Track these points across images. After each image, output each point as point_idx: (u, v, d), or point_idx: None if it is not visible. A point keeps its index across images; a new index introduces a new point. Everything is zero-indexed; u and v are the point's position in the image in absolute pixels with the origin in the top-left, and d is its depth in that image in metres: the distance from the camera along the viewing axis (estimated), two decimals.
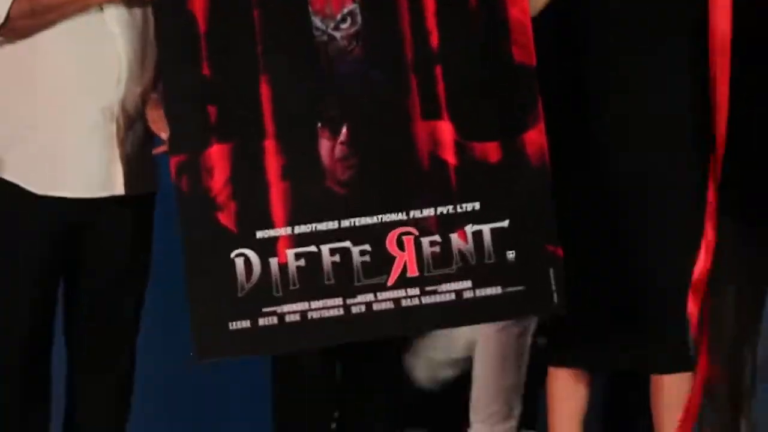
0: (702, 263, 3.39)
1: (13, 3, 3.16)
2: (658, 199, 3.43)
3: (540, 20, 3.28)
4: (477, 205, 3.03)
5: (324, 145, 3.02)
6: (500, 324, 4.05)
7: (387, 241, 3.02)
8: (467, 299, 3.02)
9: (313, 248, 3.02)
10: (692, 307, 3.39)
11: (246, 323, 3.01)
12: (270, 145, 3.02)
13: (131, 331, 3.45)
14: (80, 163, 3.29)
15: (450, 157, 3.03)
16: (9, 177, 3.28)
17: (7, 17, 3.16)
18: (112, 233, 3.37)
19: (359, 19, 3.03)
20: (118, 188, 3.30)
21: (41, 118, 3.28)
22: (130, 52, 3.25)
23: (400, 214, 3.03)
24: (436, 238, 3.02)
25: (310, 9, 3.04)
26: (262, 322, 3.01)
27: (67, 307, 3.42)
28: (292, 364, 3.64)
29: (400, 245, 3.01)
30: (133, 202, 3.36)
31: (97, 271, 3.38)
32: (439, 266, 3.02)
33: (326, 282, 3.02)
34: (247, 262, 3.00)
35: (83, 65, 3.24)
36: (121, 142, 3.29)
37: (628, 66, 3.40)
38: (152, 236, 3.46)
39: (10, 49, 3.23)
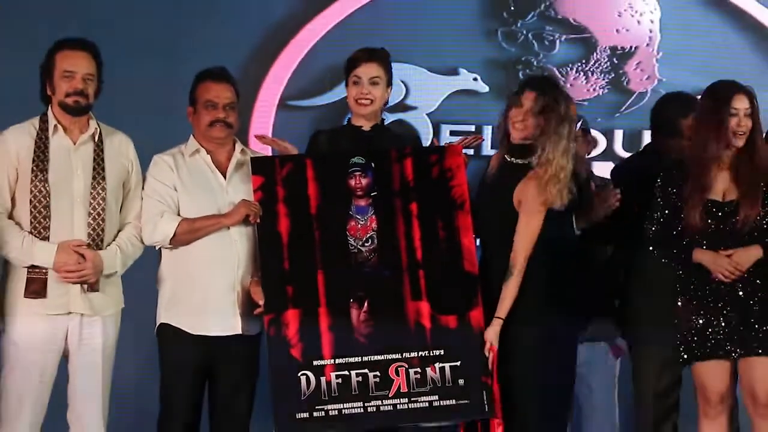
0: None
1: (178, 225, 4.85)
2: None
3: None
4: (442, 352, 4.71)
5: (354, 313, 4.75)
6: None
7: (389, 370, 4.71)
8: (435, 406, 4.69)
9: (346, 372, 4.71)
10: None
11: (306, 414, 4.69)
12: (323, 311, 4.75)
13: (247, 414, 4.96)
14: (216, 315, 4.88)
15: (427, 323, 4.74)
16: (171, 322, 4.91)
17: (174, 234, 4.86)
18: (235, 357, 4.89)
19: (376, 241, 4.78)
20: (238, 330, 4.91)
21: (193, 286, 4.88)
22: (244, 252, 4.90)
23: (397, 355, 4.72)
24: (418, 369, 4.70)
25: (348, 233, 4.80)
26: (315, 414, 4.69)
27: (210, 401, 4.94)
28: None
29: (397, 373, 4.70)
30: (247, 338, 4.91)
31: (226, 379, 4.90)
32: (420, 386, 4.70)
33: (353, 393, 4.70)
34: (308, 378, 4.69)
35: (216, 257, 4.88)
36: (240, 303, 4.89)
37: None
38: (258, 360, 4.90)
39: (174, 251, 4.91)
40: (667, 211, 4.85)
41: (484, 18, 6.80)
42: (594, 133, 6.40)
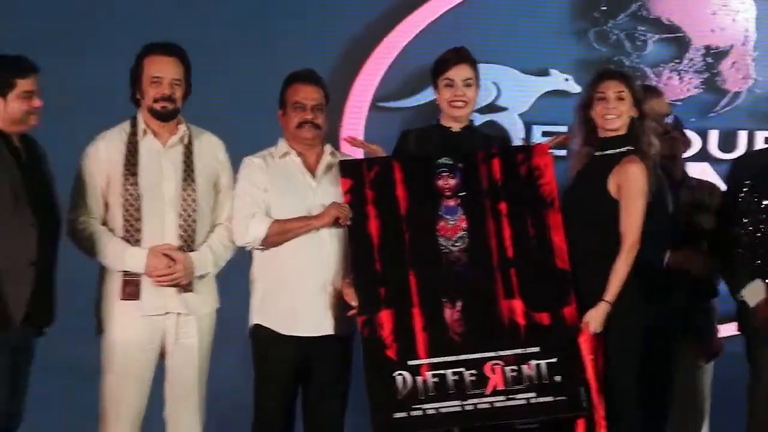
0: None
1: (269, 226, 4.89)
2: None
3: None
4: (537, 349, 4.72)
5: (447, 312, 4.76)
6: None
7: (485, 369, 4.71)
8: (532, 403, 4.70)
9: (442, 371, 4.71)
10: None
11: (404, 414, 4.70)
12: (416, 311, 4.76)
13: (341, 414, 5.01)
14: (308, 315, 4.93)
15: (521, 320, 4.75)
16: (264, 323, 4.96)
17: (266, 235, 4.91)
18: (327, 358, 4.94)
19: (467, 241, 4.80)
20: (330, 331, 4.95)
21: (284, 287, 4.93)
22: (334, 253, 4.93)
23: (492, 353, 4.72)
24: (514, 367, 4.71)
25: (437, 233, 4.81)
26: (413, 413, 4.70)
27: (303, 401, 4.99)
28: None
29: (493, 371, 4.71)
30: (339, 339, 4.95)
31: (319, 379, 4.95)
32: (516, 384, 4.70)
33: (449, 392, 4.71)
34: (404, 378, 4.70)
35: (307, 258, 4.92)
36: (331, 305, 4.93)
37: None
38: (351, 360, 4.97)
39: (266, 252, 4.96)
40: None
41: (575, 18, 6.77)
42: (688, 133, 6.35)
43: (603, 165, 4.82)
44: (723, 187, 5.55)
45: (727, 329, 5.58)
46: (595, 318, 4.69)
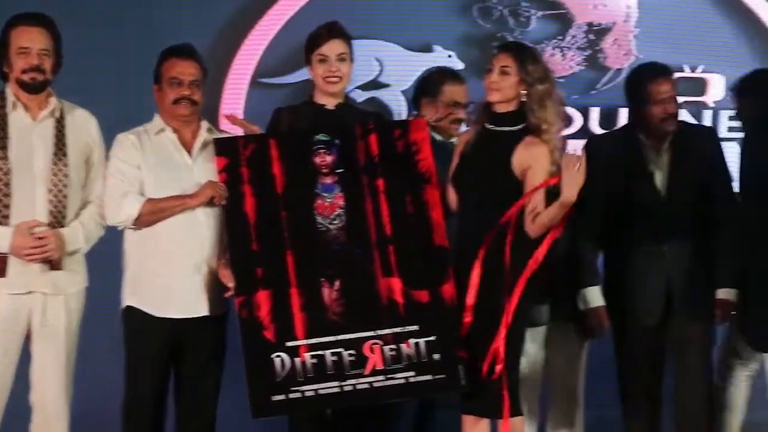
0: None
1: (142, 205, 4.80)
2: None
3: None
4: (416, 327, 4.67)
5: (325, 291, 4.68)
6: None
7: (364, 348, 4.65)
8: (411, 382, 4.64)
9: (320, 352, 4.64)
10: None
11: (282, 396, 4.62)
12: (294, 292, 4.68)
13: (214, 396, 4.97)
14: (181, 296, 4.86)
15: (400, 298, 4.70)
16: (136, 305, 4.88)
17: (139, 214, 4.81)
18: (201, 339, 4.89)
19: (345, 218, 4.73)
20: (204, 312, 4.88)
21: (157, 268, 4.86)
22: (210, 233, 4.86)
23: (371, 332, 4.66)
24: (393, 346, 4.65)
25: (315, 211, 4.74)
26: (291, 396, 4.62)
27: (176, 384, 4.94)
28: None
29: (372, 351, 4.64)
30: (214, 320, 4.90)
31: (191, 363, 4.90)
32: (395, 363, 4.64)
33: (328, 373, 4.63)
34: (282, 360, 4.62)
35: (182, 238, 4.84)
36: (206, 286, 4.86)
37: None
38: (225, 341, 4.92)
39: (139, 231, 4.86)
40: None
41: None
42: (569, 110, 6.37)
43: (502, 143, 4.75)
44: None
45: None
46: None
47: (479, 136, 4.82)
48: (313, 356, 4.65)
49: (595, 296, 5.31)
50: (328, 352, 4.66)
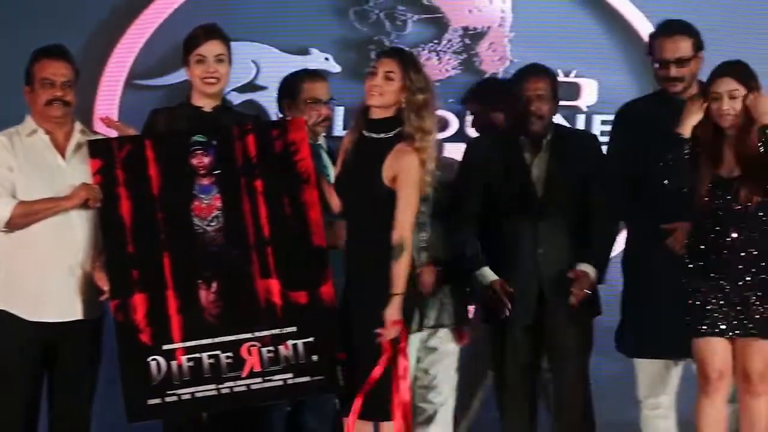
0: None
1: (14, 208, 4.73)
2: None
3: None
4: (294, 329, 4.66)
5: (202, 294, 4.66)
6: None
7: (241, 350, 4.63)
8: (289, 384, 4.64)
9: (197, 355, 4.61)
10: None
11: (158, 400, 4.60)
12: (170, 294, 4.65)
13: (89, 400, 4.93)
14: (55, 300, 4.80)
15: (278, 300, 4.68)
16: (8, 309, 4.80)
17: (10, 217, 4.74)
18: (75, 343, 4.84)
19: (222, 220, 4.70)
20: (79, 315, 4.84)
21: (30, 271, 4.79)
22: (84, 236, 4.82)
23: (248, 334, 4.64)
24: (271, 348, 4.64)
25: (192, 213, 4.70)
26: (167, 399, 4.60)
27: (49, 388, 4.88)
28: None
29: (249, 353, 4.63)
30: (89, 323, 4.86)
31: (66, 367, 4.84)
32: (273, 365, 4.63)
33: (205, 375, 4.62)
34: (158, 363, 4.60)
35: (56, 241, 4.79)
36: (81, 289, 4.82)
37: None
38: (101, 342, 4.89)
39: (11, 234, 4.78)
40: None
41: None
42: (445, 113, 6.42)
43: (375, 149, 4.73)
44: None
45: None
46: (392, 312, 4.60)
47: (356, 142, 4.82)
48: (189, 359, 4.62)
49: (488, 273, 5.32)
50: (205, 355, 4.63)
